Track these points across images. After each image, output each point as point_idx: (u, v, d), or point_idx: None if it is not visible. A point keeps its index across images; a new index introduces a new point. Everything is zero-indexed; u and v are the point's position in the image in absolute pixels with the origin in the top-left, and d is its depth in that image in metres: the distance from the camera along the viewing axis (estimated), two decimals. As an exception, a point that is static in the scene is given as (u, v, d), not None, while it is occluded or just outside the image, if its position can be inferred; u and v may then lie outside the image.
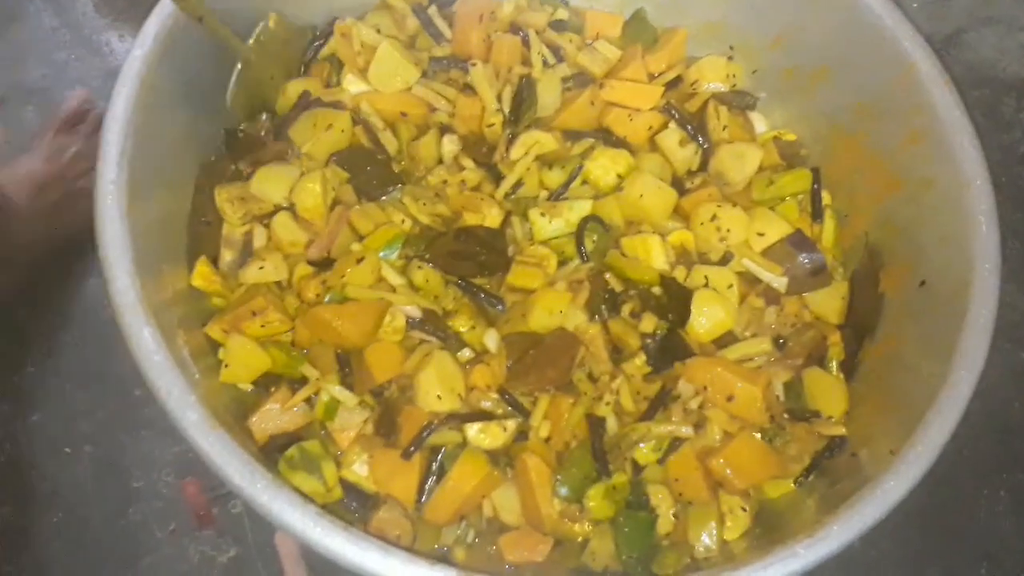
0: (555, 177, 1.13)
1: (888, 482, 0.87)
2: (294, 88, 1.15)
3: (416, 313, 1.04)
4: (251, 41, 1.10)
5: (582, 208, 1.11)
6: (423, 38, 1.21)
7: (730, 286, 1.08)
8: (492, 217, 1.10)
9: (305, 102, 1.13)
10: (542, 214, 1.10)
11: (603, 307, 1.06)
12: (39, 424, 1.24)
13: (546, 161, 1.15)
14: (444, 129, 1.15)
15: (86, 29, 1.52)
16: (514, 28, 1.21)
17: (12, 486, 1.20)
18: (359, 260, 1.03)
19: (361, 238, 1.06)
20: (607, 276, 1.08)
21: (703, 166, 1.19)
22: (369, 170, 1.10)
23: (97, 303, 1.30)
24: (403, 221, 1.08)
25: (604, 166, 1.14)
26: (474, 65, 1.16)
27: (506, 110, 1.16)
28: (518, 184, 1.13)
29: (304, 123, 1.11)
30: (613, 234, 1.12)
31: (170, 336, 0.90)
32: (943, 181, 1.05)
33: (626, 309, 1.07)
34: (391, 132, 1.13)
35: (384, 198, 1.10)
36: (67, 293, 1.32)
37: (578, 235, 1.10)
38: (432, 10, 1.21)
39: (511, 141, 1.14)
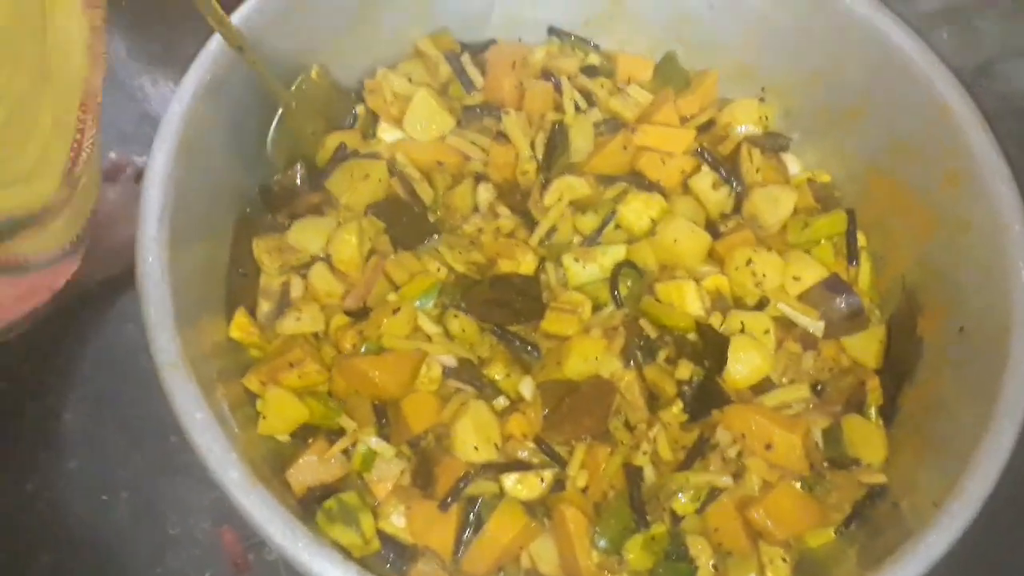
0: (588, 222, 1.14)
1: (930, 536, 0.86)
2: (332, 140, 1.16)
3: (452, 362, 1.04)
4: (292, 88, 1.12)
5: (616, 253, 1.11)
6: (455, 86, 1.22)
7: (766, 331, 1.08)
8: (527, 263, 1.10)
9: (342, 154, 1.14)
10: (576, 259, 1.11)
11: (638, 353, 1.06)
12: (77, 470, 1.25)
13: (579, 206, 1.15)
14: (479, 178, 1.16)
15: (120, 74, 1.54)
16: (545, 74, 1.22)
17: (50, 533, 1.21)
18: (395, 310, 1.03)
19: (397, 288, 1.07)
20: (642, 322, 1.08)
21: (736, 209, 1.19)
22: (405, 221, 1.11)
23: (134, 347, 1.28)
24: (438, 270, 1.08)
25: (637, 210, 1.14)
26: (507, 113, 1.17)
27: (539, 157, 1.17)
28: (552, 230, 1.13)
29: (341, 174, 1.12)
30: (647, 279, 1.12)
31: (210, 391, 0.91)
32: (980, 224, 1.04)
33: (662, 355, 1.07)
34: (427, 182, 1.15)
35: (420, 247, 1.11)
36: (104, 338, 1.33)
37: (612, 281, 1.10)
38: (464, 58, 1.22)
39: (544, 187, 1.15)
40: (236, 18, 1.03)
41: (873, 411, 1.09)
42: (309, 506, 0.98)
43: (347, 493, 0.99)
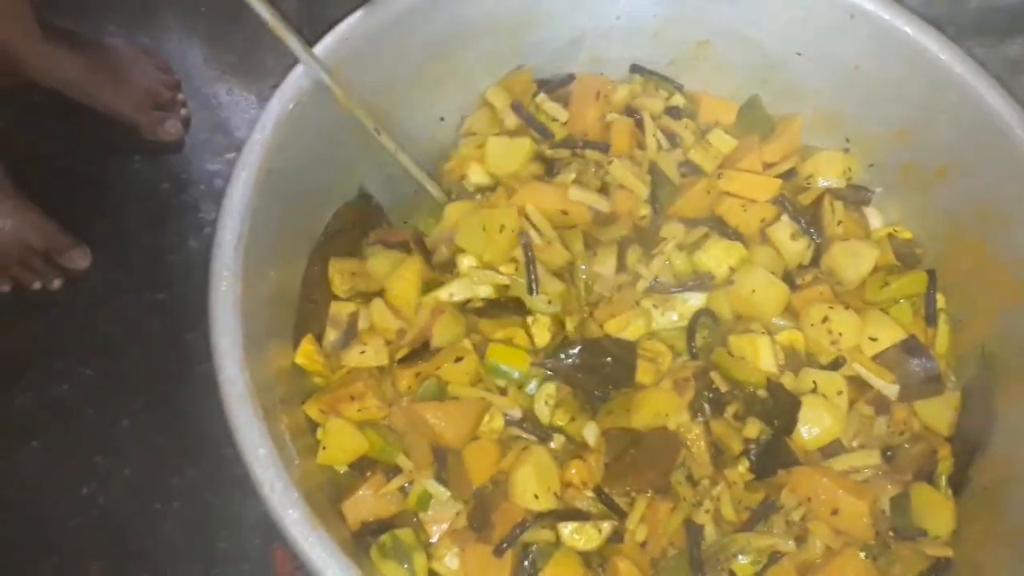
0: (683, 262, 1.14)
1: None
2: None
3: (517, 414, 1.04)
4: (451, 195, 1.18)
5: (697, 301, 1.10)
6: (528, 134, 1.21)
7: (840, 392, 1.06)
8: (635, 328, 1.09)
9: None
10: (655, 306, 1.10)
11: (706, 407, 1.06)
12: (131, 478, 1.28)
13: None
14: (624, 243, 1.13)
15: (196, 80, 1.56)
16: (628, 111, 1.22)
17: (102, 542, 1.24)
18: (458, 359, 1.03)
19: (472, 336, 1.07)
20: (712, 375, 1.07)
21: (815, 261, 1.17)
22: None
23: (195, 357, 1.33)
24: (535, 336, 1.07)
25: (717, 257, 1.13)
26: (611, 162, 1.17)
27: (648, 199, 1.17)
28: (656, 278, 1.13)
29: (471, 230, 1.10)
30: (721, 330, 1.11)
31: (274, 422, 0.91)
32: (1070, 300, 1.02)
33: (730, 411, 1.06)
34: (560, 242, 1.12)
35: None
36: (166, 347, 1.35)
37: (690, 330, 1.10)
38: (540, 97, 1.22)
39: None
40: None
41: (943, 480, 1.06)
42: (363, 539, 0.99)
43: (403, 530, 0.99)
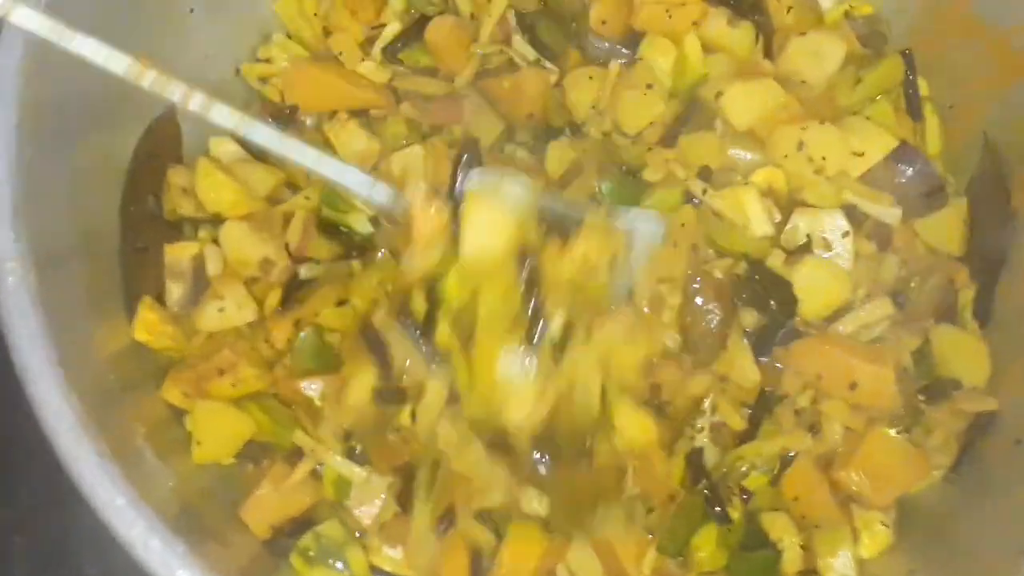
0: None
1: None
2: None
3: None
4: None
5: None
6: None
7: (846, 234, 0.96)
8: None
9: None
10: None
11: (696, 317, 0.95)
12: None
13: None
14: None
15: None
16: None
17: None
18: (341, 303, 0.92)
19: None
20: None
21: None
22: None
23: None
24: None
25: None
26: None
27: None
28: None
29: None
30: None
31: (122, 439, 0.79)
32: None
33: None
34: None
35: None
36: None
37: None
38: None
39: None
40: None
41: (968, 314, 0.99)
42: (280, 545, 0.90)
43: (327, 524, 0.91)
